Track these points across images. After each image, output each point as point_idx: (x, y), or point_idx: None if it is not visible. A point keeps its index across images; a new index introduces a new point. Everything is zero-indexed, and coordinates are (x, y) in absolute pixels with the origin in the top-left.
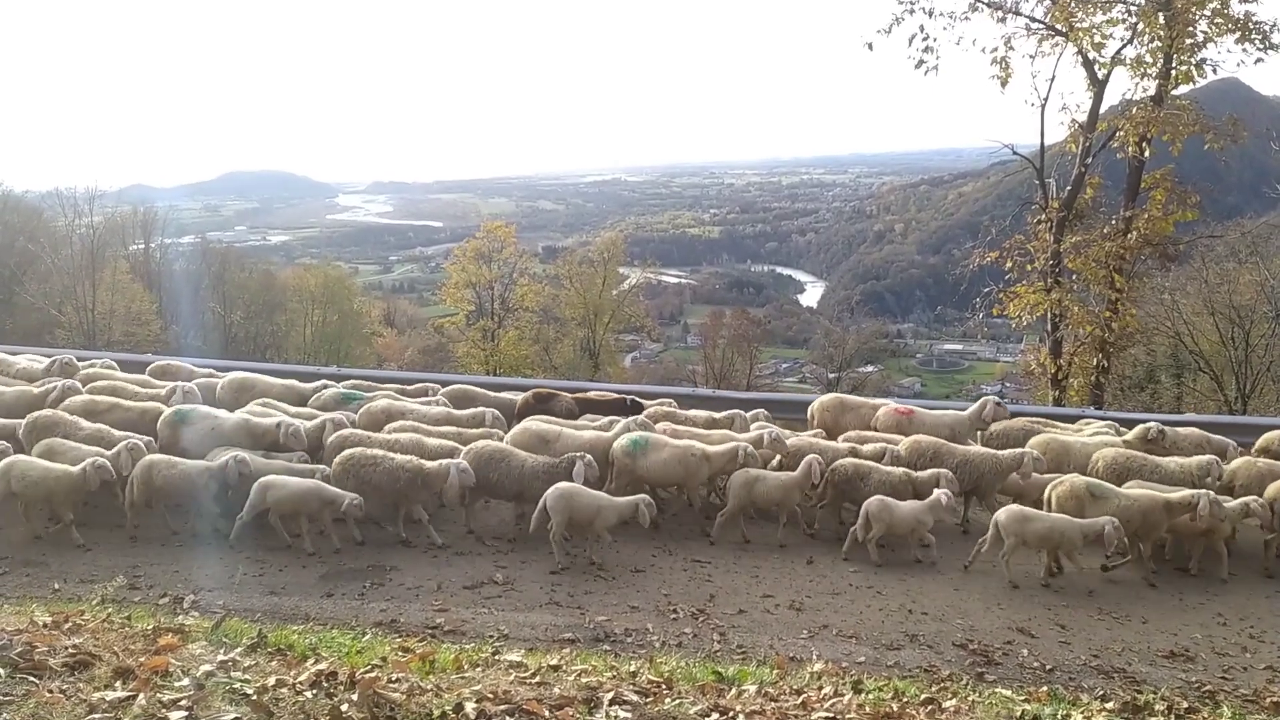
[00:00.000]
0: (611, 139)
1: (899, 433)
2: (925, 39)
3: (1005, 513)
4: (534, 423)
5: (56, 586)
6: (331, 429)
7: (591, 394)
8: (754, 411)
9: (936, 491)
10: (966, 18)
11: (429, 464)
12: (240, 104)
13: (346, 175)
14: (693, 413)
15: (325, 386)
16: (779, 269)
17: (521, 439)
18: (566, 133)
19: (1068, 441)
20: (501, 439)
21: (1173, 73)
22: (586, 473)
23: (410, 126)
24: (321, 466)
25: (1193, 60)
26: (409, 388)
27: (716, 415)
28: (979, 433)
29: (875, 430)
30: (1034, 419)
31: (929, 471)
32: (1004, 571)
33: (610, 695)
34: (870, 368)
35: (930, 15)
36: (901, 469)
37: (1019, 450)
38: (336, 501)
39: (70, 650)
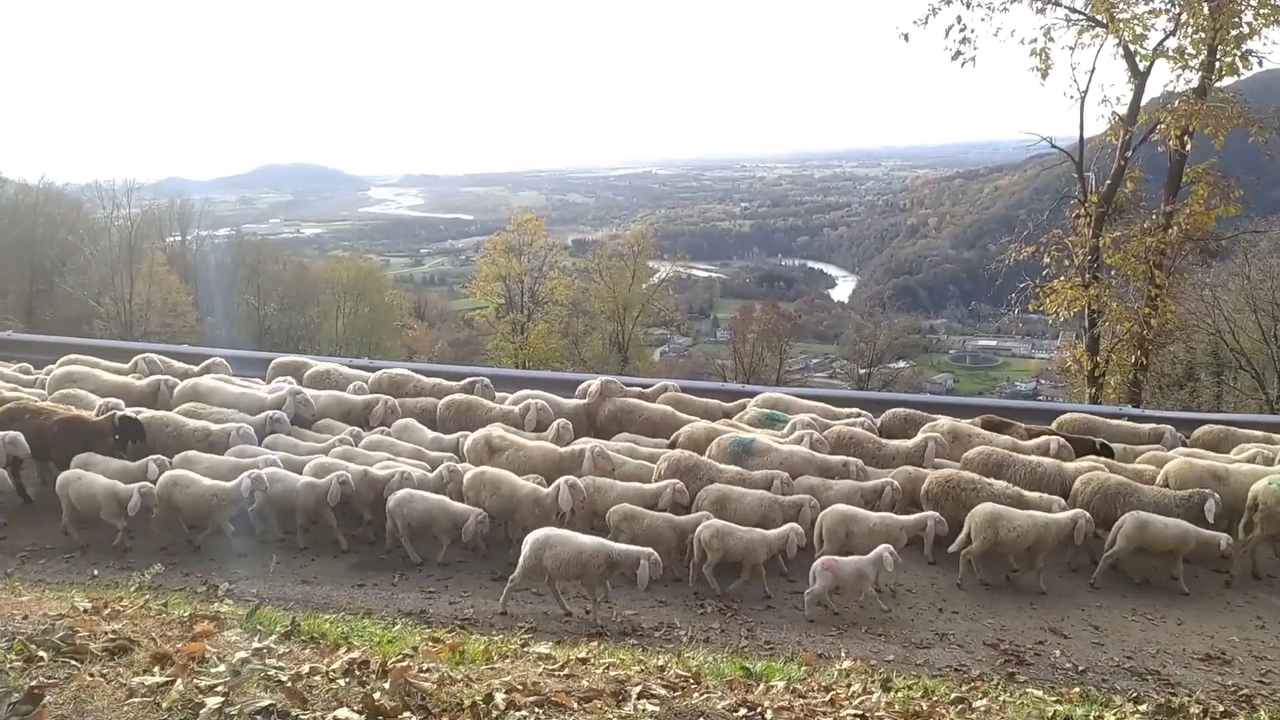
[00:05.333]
0: (642, 132)
1: None
2: (963, 30)
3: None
4: (1202, 459)
5: (95, 573)
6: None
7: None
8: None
9: None
10: (1005, 8)
11: (1029, 494)
12: (275, 98)
13: (378, 168)
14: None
15: (744, 405)
16: (810, 263)
17: (1191, 475)
18: (597, 126)
19: None
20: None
21: (1216, 64)
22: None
23: (441, 119)
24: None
25: (1237, 51)
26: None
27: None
28: None
29: None
30: None
31: None
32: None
33: (638, 689)
34: (902, 363)
35: (968, 6)
36: None
37: None
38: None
39: (110, 635)
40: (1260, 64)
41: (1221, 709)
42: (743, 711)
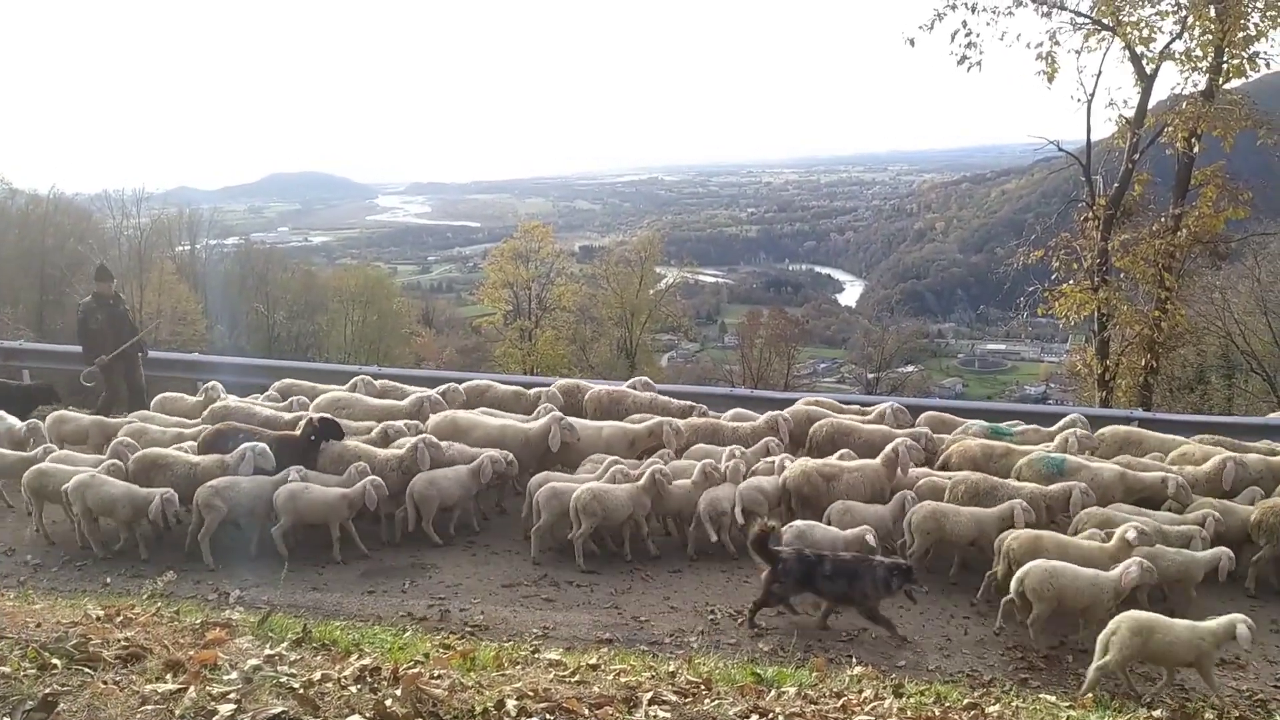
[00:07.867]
0: (648, 138)
1: None
2: (968, 35)
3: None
4: None
5: (107, 581)
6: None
7: None
8: None
9: None
10: (1010, 13)
11: None
12: (281, 107)
13: (385, 176)
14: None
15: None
16: (817, 268)
17: None
18: (603, 132)
19: None
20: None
21: (1224, 67)
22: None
23: (447, 127)
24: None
25: (1245, 54)
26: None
27: None
28: None
29: None
30: None
31: None
32: None
33: (649, 695)
34: (910, 368)
35: (973, 10)
36: None
37: None
38: None
39: (122, 643)
40: (1268, 66)
41: (1237, 714)
42: (755, 717)
